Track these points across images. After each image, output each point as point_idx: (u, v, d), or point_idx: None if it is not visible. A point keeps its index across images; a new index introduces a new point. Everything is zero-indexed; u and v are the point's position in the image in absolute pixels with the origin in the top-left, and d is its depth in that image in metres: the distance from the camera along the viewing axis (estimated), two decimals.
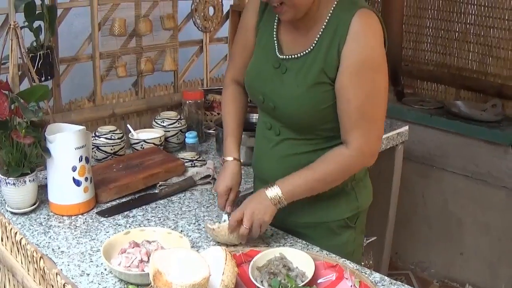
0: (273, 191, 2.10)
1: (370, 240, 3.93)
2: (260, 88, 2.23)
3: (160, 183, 2.72)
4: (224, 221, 2.23)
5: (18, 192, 2.38)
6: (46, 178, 2.47)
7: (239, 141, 2.41)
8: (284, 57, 2.15)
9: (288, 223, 2.28)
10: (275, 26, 2.21)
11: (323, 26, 2.07)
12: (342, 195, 2.30)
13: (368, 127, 2.10)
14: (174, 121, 3.23)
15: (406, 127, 3.81)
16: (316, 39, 2.09)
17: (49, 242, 2.18)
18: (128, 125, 3.21)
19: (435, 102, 4.61)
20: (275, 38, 2.20)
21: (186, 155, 3.02)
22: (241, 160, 2.37)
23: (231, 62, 2.52)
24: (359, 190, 2.36)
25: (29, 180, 2.39)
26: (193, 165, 2.93)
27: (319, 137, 2.19)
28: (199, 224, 2.36)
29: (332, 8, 2.07)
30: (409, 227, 4.62)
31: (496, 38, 4.47)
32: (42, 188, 2.53)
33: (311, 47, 2.09)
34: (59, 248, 2.14)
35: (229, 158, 2.33)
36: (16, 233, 1.87)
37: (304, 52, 2.11)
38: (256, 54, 2.28)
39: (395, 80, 4.82)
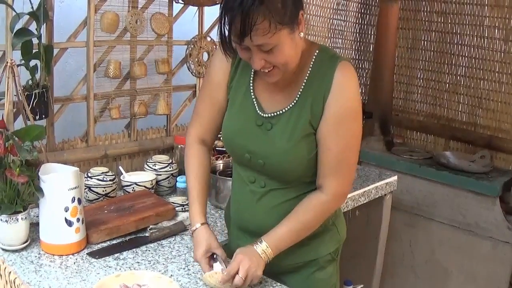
0: (262, 247, 2.13)
1: None
2: (245, 147, 2.22)
3: (150, 226, 2.72)
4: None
5: (10, 230, 2.37)
6: (38, 216, 2.47)
7: (204, 206, 2.35)
8: (268, 115, 2.17)
9: (280, 265, 2.29)
10: (251, 85, 2.22)
11: (305, 79, 2.12)
12: (327, 232, 2.37)
13: (344, 172, 2.19)
14: (166, 165, 3.25)
15: (395, 177, 3.83)
16: (299, 92, 2.13)
17: (40, 281, 2.17)
18: (120, 167, 3.23)
19: (424, 152, 4.66)
20: (253, 97, 2.21)
21: (177, 199, 3.02)
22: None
23: (196, 118, 2.43)
24: (339, 224, 2.44)
25: (22, 218, 2.39)
26: (183, 209, 2.93)
27: (303, 182, 2.23)
28: (189, 269, 2.35)
29: (312, 62, 2.13)
30: (396, 275, 4.62)
31: (486, 90, 4.55)
32: (34, 226, 2.53)
33: (295, 101, 2.13)
34: (50, 287, 2.13)
35: (197, 226, 2.27)
36: (10, 272, 1.87)
37: (289, 107, 2.14)
38: (233, 113, 2.27)
39: (384, 129, 4.87)
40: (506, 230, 3.95)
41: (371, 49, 5.24)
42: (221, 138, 2.38)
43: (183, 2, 3.55)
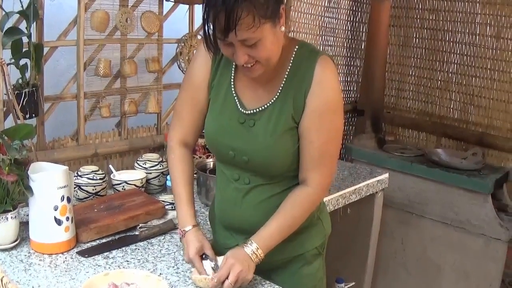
0: (252, 248, 2.14)
1: (349, 285, 3.95)
2: (229, 145, 2.23)
3: (140, 225, 2.72)
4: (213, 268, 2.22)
5: (0, 228, 2.37)
6: (27, 215, 2.46)
7: (193, 208, 2.36)
8: (249, 112, 2.18)
9: (267, 262, 2.26)
10: (232, 83, 2.23)
11: (286, 75, 2.14)
12: (313, 226, 2.39)
13: (327, 164, 2.23)
14: (156, 163, 3.24)
15: (386, 175, 3.84)
16: (281, 87, 2.15)
17: (30, 280, 2.17)
18: (110, 166, 3.22)
19: (416, 149, 4.66)
20: (234, 95, 2.22)
21: (166, 198, 3.02)
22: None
23: (177, 121, 2.43)
24: (324, 218, 2.48)
25: (11, 217, 2.38)
26: (173, 208, 2.91)
27: (286, 177, 2.25)
28: (178, 268, 2.35)
29: (292, 57, 2.15)
30: (388, 273, 4.62)
31: (477, 87, 4.56)
32: (24, 225, 2.52)
33: (276, 96, 2.15)
34: (39, 286, 2.12)
35: (188, 228, 2.28)
36: None
37: (270, 102, 2.16)
38: (215, 113, 2.27)
39: (376, 127, 4.88)
40: (498, 227, 3.96)
41: (362, 47, 5.25)
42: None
43: (173, 0, 3.55)
